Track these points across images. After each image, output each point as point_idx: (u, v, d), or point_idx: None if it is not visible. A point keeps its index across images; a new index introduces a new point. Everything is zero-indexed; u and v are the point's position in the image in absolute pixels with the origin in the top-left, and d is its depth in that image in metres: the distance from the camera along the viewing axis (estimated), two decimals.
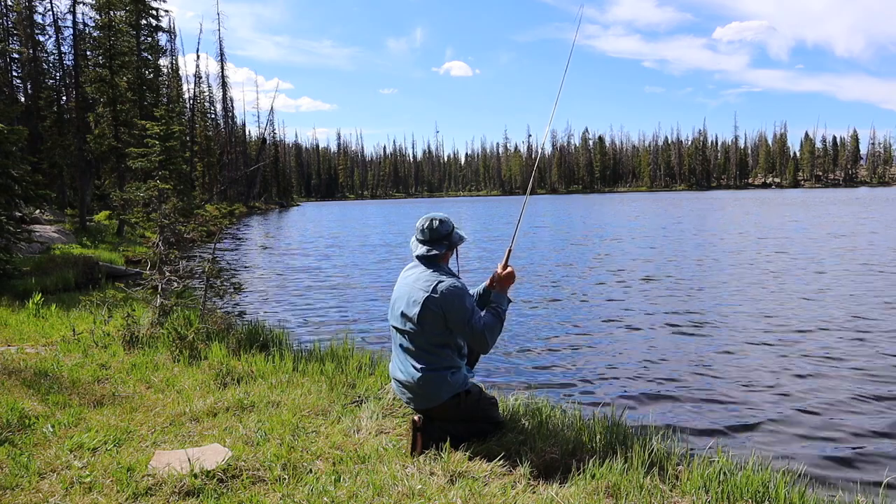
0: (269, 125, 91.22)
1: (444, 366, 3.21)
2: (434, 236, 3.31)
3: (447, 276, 3.24)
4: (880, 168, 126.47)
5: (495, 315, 3.24)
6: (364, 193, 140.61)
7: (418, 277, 3.27)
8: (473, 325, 3.14)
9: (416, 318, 3.17)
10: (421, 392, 3.22)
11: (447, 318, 3.14)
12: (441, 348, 3.21)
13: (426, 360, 3.20)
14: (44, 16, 28.91)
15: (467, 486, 2.82)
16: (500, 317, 3.26)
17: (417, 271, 3.32)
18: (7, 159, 10.42)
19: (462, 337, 3.22)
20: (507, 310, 3.36)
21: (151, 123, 9.94)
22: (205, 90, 59.18)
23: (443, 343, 3.21)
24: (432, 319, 3.15)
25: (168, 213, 7.03)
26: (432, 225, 3.30)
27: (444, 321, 3.15)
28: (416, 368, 3.20)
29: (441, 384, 3.18)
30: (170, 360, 5.26)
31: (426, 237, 3.31)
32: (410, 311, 3.19)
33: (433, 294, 3.14)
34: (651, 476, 2.99)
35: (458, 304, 3.13)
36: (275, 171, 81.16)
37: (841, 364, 6.30)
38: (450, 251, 3.38)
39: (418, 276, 3.28)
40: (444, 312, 3.13)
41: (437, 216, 3.34)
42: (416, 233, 3.37)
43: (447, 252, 3.36)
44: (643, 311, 9.24)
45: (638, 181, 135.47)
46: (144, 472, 2.94)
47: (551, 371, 6.28)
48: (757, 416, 4.97)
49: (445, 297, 3.13)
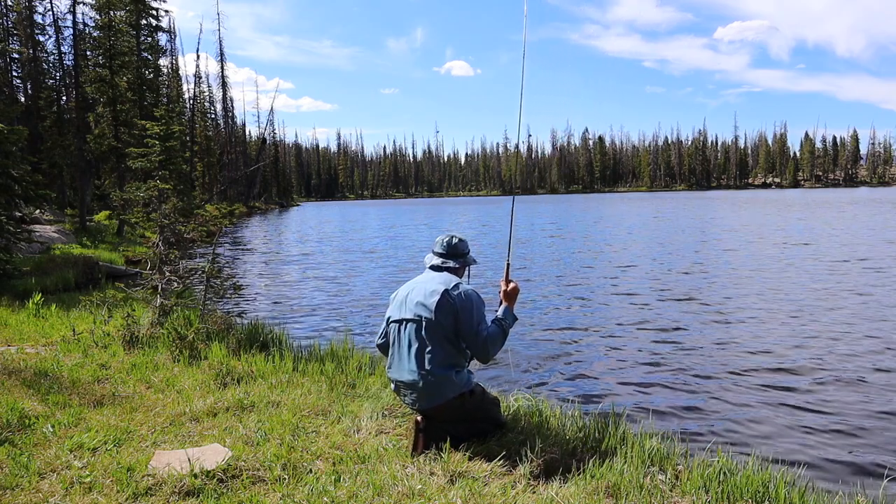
0: (269, 125, 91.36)
1: (451, 363, 3.26)
2: (452, 251, 3.50)
3: (465, 284, 3.40)
4: (880, 168, 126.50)
5: (499, 328, 3.34)
6: (364, 193, 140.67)
7: (434, 277, 3.43)
8: (480, 332, 3.25)
9: (433, 307, 3.24)
10: (426, 390, 3.23)
11: (458, 319, 3.25)
12: (450, 344, 3.27)
13: (434, 353, 3.23)
14: (44, 16, 28.96)
15: (467, 486, 2.83)
16: (504, 331, 3.37)
17: (434, 274, 3.47)
18: (7, 159, 10.43)
19: (466, 341, 3.30)
20: (511, 325, 3.44)
21: (151, 123, 9.95)
22: (205, 90, 59.29)
23: (451, 339, 3.28)
24: (446, 312, 3.24)
25: (168, 213, 7.04)
26: (451, 241, 3.52)
27: (455, 320, 3.25)
28: (424, 364, 3.23)
29: (446, 382, 3.22)
30: (170, 360, 5.27)
31: (444, 251, 3.51)
32: (428, 301, 3.27)
33: (452, 290, 3.30)
34: (651, 476, 2.99)
35: (472, 308, 3.27)
36: (275, 171, 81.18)
37: (841, 364, 6.30)
38: (462, 269, 3.55)
39: (435, 276, 3.45)
40: (457, 311, 3.25)
41: (456, 235, 3.56)
42: (435, 246, 3.56)
43: (460, 269, 3.53)
44: (644, 310, 9.24)
45: (638, 181, 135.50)
46: (144, 472, 2.95)
47: (551, 371, 6.28)
48: (757, 416, 4.98)
49: (462, 298, 3.28)
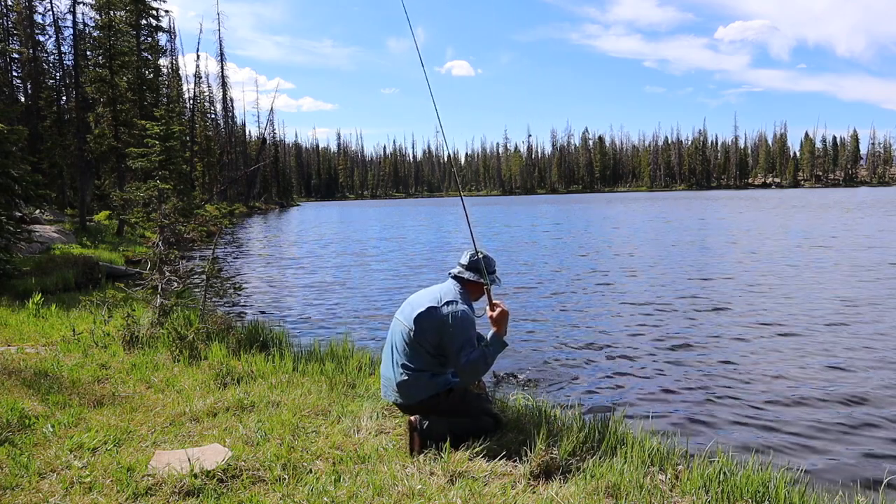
0: (269, 125, 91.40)
1: (428, 369, 3.35)
2: (472, 265, 3.52)
3: (462, 303, 3.38)
4: (880, 168, 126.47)
5: (481, 356, 3.29)
6: (364, 193, 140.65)
7: (436, 288, 3.52)
8: (461, 356, 3.25)
9: (413, 320, 3.34)
10: (402, 388, 3.37)
11: (442, 336, 3.30)
12: (429, 355, 3.35)
13: (413, 358, 3.35)
14: (44, 16, 29.02)
15: (467, 486, 2.83)
16: (486, 358, 3.31)
17: (441, 285, 3.54)
18: (7, 159, 10.42)
19: (448, 360, 3.35)
20: (498, 352, 3.40)
21: (151, 123, 9.91)
22: (205, 90, 59.28)
23: (431, 352, 3.35)
24: (426, 328, 3.31)
25: (168, 213, 7.04)
26: (477, 255, 3.53)
27: (439, 337, 3.31)
28: (403, 363, 3.36)
29: (421, 383, 3.34)
30: (170, 360, 5.27)
31: (466, 262, 3.55)
32: (414, 312, 3.36)
33: (442, 307, 3.33)
34: (651, 476, 2.99)
35: (457, 330, 3.28)
36: (275, 171, 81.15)
37: (842, 364, 6.29)
38: (477, 286, 3.51)
39: (438, 287, 3.52)
40: (441, 329, 3.29)
41: (484, 251, 3.56)
42: (462, 257, 3.60)
43: (475, 285, 3.51)
44: (645, 311, 9.24)
45: (638, 181, 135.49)
46: (144, 472, 2.95)
47: (552, 371, 6.28)
48: (757, 416, 4.97)
49: (449, 316, 3.30)
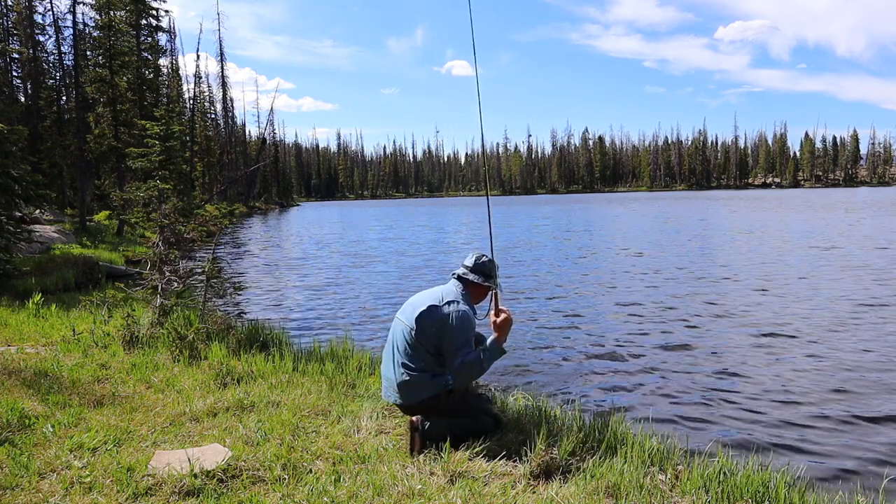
0: (269, 125, 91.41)
1: (429, 369, 3.35)
2: (477, 267, 3.54)
3: (464, 304, 3.39)
4: (880, 168, 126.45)
5: (477, 359, 3.28)
6: (364, 193, 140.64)
7: (438, 289, 3.53)
8: (457, 357, 3.27)
9: (415, 319, 3.34)
10: (402, 388, 3.37)
11: (441, 337, 3.30)
12: (429, 354, 3.35)
13: (413, 358, 3.35)
14: (44, 16, 29.02)
15: (467, 486, 2.83)
16: (483, 363, 3.31)
17: (444, 285, 3.55)
18: (7, 159, 10.41)
19: (445, 359, 3.35)
20: (496, 359, 3.40)
21: (151, 123, 9.90)
22: (205, 90, 59.30)
23: (432, 352, 3.35)
24: (427, 326, 3.31)
25: (168, 213, 7.04)
26: (481, 258, 3.57)
27: (439, 336, 3.31)
28: (404, 363, 3.36)
29: (420, 384, 3.33)
30: (170, 360, 5.27)
31: (471, 264, 3.56)
32: (416, 312, 3.36)
33: (443, 306, 3.34)
34: (651, 476, 2.99)
35: (456, 330, 3.28)
36: (275, 171, 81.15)
37: (842, 364, 6.29)
38: (482, 290, 3.55)
39: (441, 287, 3.53)
40: (441, 327, 3.29)
41: (488, 255, 3.61)
42: (466, 258, 3.62)
43: (479, 287, 3.53)
44: (646, 311, 9.24)
45: (638, 181, 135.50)
46: (144, 472, 2.95)
47: (552, 371, 6.28)
48: (757, 416, 4.97)
49: (450, 315, 3.30)
